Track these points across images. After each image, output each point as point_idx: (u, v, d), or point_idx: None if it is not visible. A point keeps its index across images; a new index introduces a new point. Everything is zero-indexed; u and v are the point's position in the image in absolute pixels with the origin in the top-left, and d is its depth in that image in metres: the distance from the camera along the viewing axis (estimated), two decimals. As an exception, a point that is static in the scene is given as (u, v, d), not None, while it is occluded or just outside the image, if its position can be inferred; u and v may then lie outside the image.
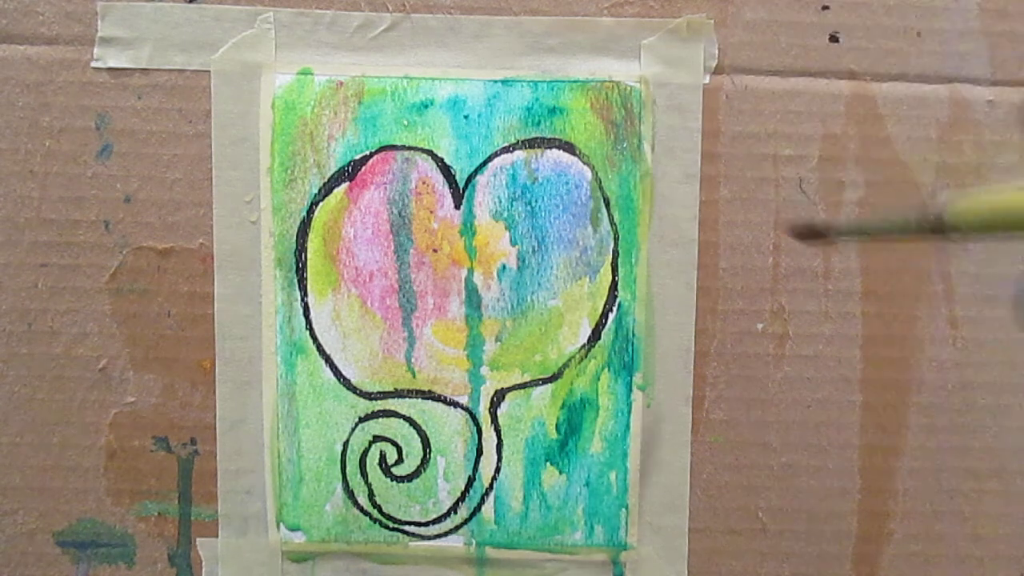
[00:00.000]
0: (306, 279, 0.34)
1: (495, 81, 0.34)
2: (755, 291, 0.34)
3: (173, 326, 0.34)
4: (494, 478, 0.35)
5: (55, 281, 0.34)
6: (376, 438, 0.35)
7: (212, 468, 0.35)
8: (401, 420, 0.35)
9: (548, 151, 0.34)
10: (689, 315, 0.34)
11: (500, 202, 0.34)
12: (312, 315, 0.34)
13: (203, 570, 0.35)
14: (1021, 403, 0.35)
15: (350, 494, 0.35)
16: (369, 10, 0.33)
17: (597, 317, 0.34)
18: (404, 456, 0.35)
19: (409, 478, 0.35)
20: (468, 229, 0.34)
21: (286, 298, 0.34)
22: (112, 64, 0.33)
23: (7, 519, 0.35)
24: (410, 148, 0.34)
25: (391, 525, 0.35)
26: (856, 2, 0.34)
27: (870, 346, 0.35)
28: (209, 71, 0.33)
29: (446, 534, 0.35)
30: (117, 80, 0.33)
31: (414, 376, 0.34)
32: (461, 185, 0.34)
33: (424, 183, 0.34)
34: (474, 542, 0.35)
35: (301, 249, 0.34)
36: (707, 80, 0.34)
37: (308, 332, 0.34)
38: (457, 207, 0.34)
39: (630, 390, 0.35)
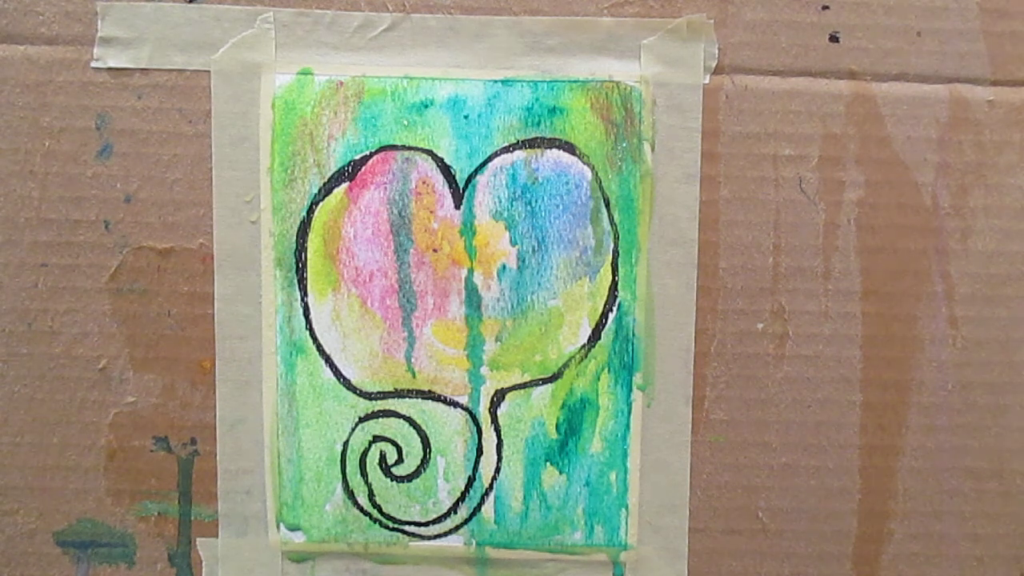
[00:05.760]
0: (306, 279, 0.34)
1: (495, 81, 0.34)
2: (755, 291, 0.34)
3: (173, 326, 0.34)
4: (494, 478, 0.35)
5: (55, 281, 0.34)
6: (376, 438, 0.35)
7: (212, 468, 0.35)
8: (401, 420, 0.35)
9: (548, 151, 0.34)
10: (689, 315, 0.34)
11: (500, 202, 0.34)
12: (312, 315, 0.34)
13: (203, 570, 0.35)
14: (1021, 403, 0.35)
15: (350, 494, 0.35)
16: (369, 10, 0.34)
17: (597, 317, 0.34)
18: (404, 456, 0.35)
19: (409, 478, 0.35)
20: (468, 229, 0.34)
21: (286, 298, 0.34)
22: (112, 64, 0.33)
23: (7, 519, 0.35)
24: (410, 148, 0.34)
25: (391, 525, 0.35)
26: (856, 2, 0.34)
27: (870, 346, 0.35)
28: (209, 71, 0.33)
29: (446, 534, 0.35)
30: (117, 80, 0.33)
31: (414, 376, 0.34)
32: (461, 185, 0.34)
33: (424, 183, 0.34)
34: (474, 542, 0.35)
35: (301, 249, 0.34)
36: (707, 80, 0.34)
37: (308, 332, 0.34)
38: (457, 207, 0.34)
39: (630, 390, 0.35)
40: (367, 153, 0.34)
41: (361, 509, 0.35)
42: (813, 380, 0.35)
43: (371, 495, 0.35)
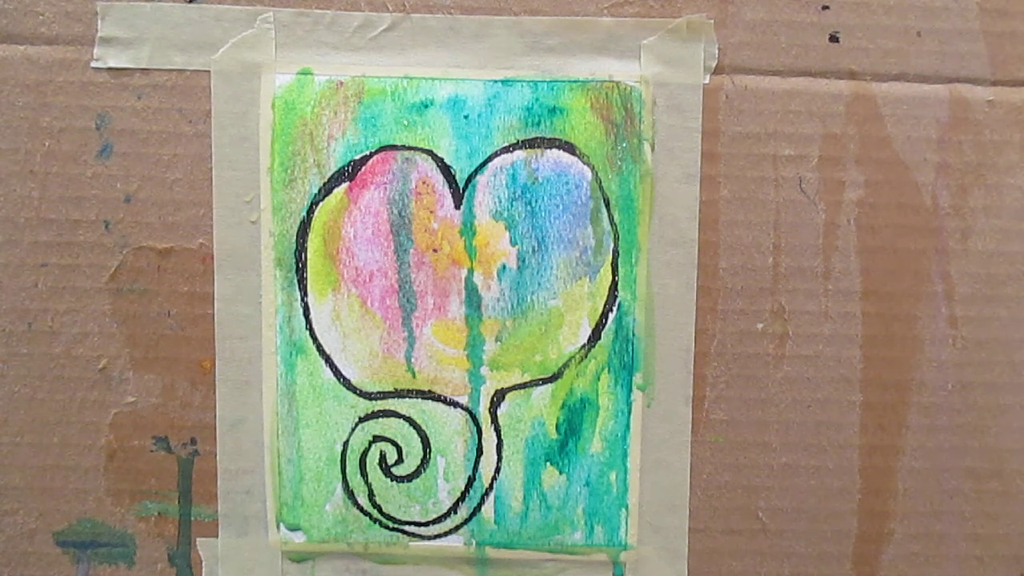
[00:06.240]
0: (306, 279, 0.34)
1: (495, 81, 0.34)
2: (755, 291, 0.34)
3: (173, 326, 0.34)
4: (494, 478, 0.35)
5: (55, 281, 0.34)
6: (376, 438, 0.35)
7: (212, 468, 0.35)
8: (401, 420, 0.35)
9: (548, 151, 0.34)
10: (689, 315, 0.34)
11: (500, 202, 0.34)
12: (312, 315, 0.34)
13: (203, 570, 0.35)
14: (1021, 403, 0.35)
15: (350, 494, 0.35)
16: (369, 10, 0.34)
17: (597, 317, 0.34)
18: (404, 456, 0.35)
19: (409, 478, 0.35)
20: (468, 229, 0.34)
21: (286, 298, 0.34)
22: (112, 64, 0.33)
23: (7, 519, 0.35)
24: (410, 148, 0.34)
25: (391, 525, 0.35)
26: (856, 2, 0.34)
27: (870, 346, 0.35)
28: (209, 71, 0.33)
29: (446, 534, 0.35)
30: (117, 80, 0.33)
31: (414, 376, 0.34)
32: (461, 185, 0.34)
33: (424, 183, 0.34)
34: (474, 542, 0.35)
35: (301, 249, 0.34)
36: (707, 80, 0.34)
37: (308, 332, 0.34)
38: (457, 207, 0.34)
39: (630, 390, 0.35)
40: (367, 153, 0.34)
41: (361, 509, 0.35)
42: (813, 380, 0.35)
43: (371, 495, 0.35)
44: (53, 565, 0.35)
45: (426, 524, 0.35)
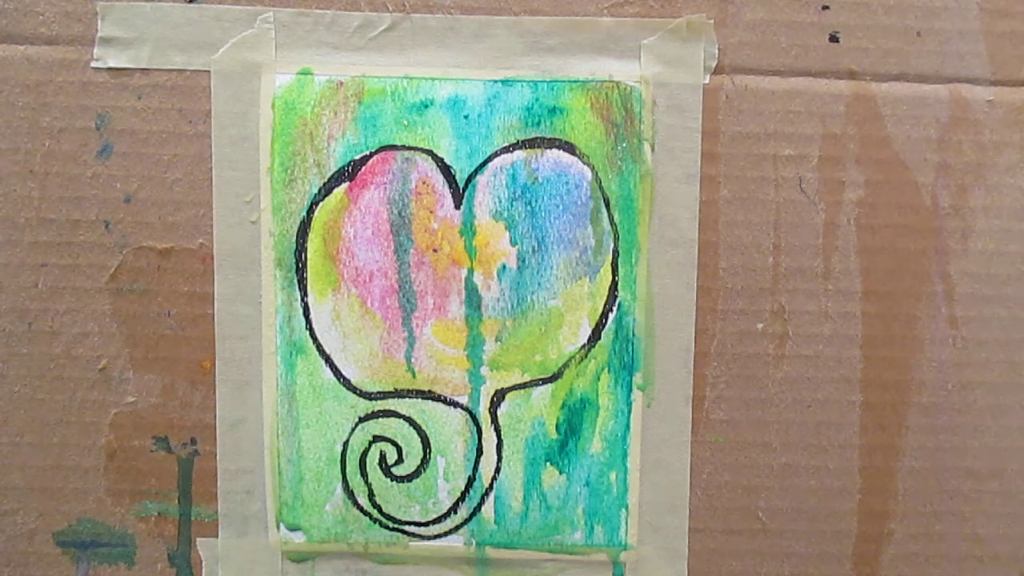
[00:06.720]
0: (306, 279, 0.34)
1: (495, 81, 0.34)
2: (755, 291, 0.34)
3: (173, 326, 0.34)
4: (494, 478, 0.35)
5: (55, 281, 0.34)
6: (376, 438, 0.35)
7: (212, 468, 0.35)
8: (401, 420, 0.35)
9: (548, 151, 0.34)
10: (689, 315, 0.34)
11: (500, 202, 0.34)
12: (312, 315, 0.34)
13: (203, 570, 0.35)
14: (1021, 403, 0.35)
15: (350, 494, 0.35)
16: (369, 10, 0.34)
17: (597, 317, 0.34)
18: (404, 456, 0.35)
19: (409, 478, 0.35)
20: (468, 229, 0.34)
21: (286, 298, 0.34)
22: (112, 64, 0.33)
23: (7, 519, 0.35)
24: (410, 148, 0.34)
25: (391, 525, 0.35)
26: (856, 2, 0.34)
27: (870, 346, 0.35)
28: (209, 71, 0.33)
29: (446, 534, 0.35)
30: (117, 80, 0.33)
31: (414, 376, 0.34)
32: (461, 185, 0.34)
33: (424, 183, 0.34)
34: (474, 542, 0.35)
35: (301, 249, 0.34)
36: (707, 80, 0.34)
37: (308, 332, 0.34)
38: (457, 207, 0.34)
39: (630, 390, 0.35)
40: (367, 153, 0.34)
41: (361, 509, 0.35)
42: (813, 380, 0.35)
43: (371, 495, 0.35)
44: (53, 565, 0.35)
45: (426, 524, 0.35)
